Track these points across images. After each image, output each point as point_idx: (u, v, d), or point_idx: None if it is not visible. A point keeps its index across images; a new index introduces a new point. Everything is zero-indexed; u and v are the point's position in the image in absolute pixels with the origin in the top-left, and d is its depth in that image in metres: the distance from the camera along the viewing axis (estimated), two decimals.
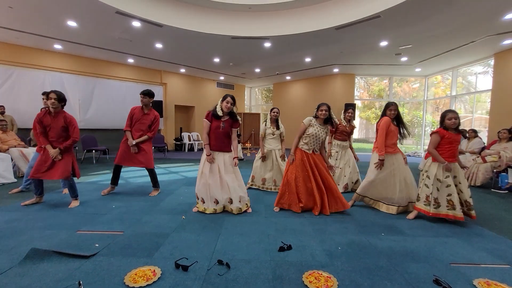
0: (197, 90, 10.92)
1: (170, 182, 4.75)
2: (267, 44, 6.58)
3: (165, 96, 9.92)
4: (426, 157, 3.02)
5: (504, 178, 4.52)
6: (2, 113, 5.59)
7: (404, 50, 6.88)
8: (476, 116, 8.70)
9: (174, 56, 7.95)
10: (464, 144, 5.63)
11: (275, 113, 4.09)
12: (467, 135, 5.68)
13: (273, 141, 4.10)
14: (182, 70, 9.76)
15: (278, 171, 4.08)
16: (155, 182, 3.91)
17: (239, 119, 3.16)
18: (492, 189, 4.59)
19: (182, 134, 10.41)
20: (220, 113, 2.98)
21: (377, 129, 3.27)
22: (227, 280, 1.74)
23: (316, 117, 3.14)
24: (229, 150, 3.12)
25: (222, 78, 11.11)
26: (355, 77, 10.00)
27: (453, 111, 2.83)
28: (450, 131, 2.83)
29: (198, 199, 3.12)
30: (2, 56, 6.52)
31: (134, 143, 3.60)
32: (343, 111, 4.22)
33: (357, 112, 10.15)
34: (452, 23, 5.14)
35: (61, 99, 3.12)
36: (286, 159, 4.12)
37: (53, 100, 3.04)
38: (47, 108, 3.17)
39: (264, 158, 4.06)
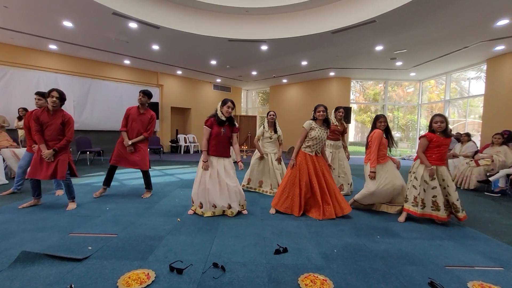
0: (193, 92, 10.90)
1: (165, 184, 4.71)
2: (264, 47, 6.62)
3: (161, 98, 9.87)
4: (415, 159, 3.08)
5: (497, 181, 4.59)
6: None
7: (399, 54, 6.98)
8: (469, 120, 8.83)
9: (171, 58, 7.93)
10: (457, 148, 5.70)
11: (272, 116, 4.08)
12: (461, 139, 5.75)
13: (270, 145, 4.10)
14: (179, 72, 9.74)
15: (274, 176, 4.07)
16: (148, 184, 3.87)
17: (236, 124, 3.16)
18: (485, 192, 4.65)
19: (178, 136, 10.36)
20: (223, 118, 2.97)
21: (368, 142, 3.31)
22: (222, 283, 1.72)
23: (314, 119, 3.16)
24: (228, 156, 3.12)
25: (218, 80, 11.11)
26: (351, 80, 10.09)
27: (440, 115, 2.90)
28: (438, 135, 2.89)
29: (193, 203, 3.10)
30: None
31: (130, 143, 3.56)
32: (333, 111, 4.19)
33: (352, 116, 10.22)
34: (446, 29, 5.24)
35: (63, 98, 3.08)
36: (282, 162, 4.13)
37: (54, 99, 2.99)
38: (45, 106, 3.11)
39: (262, 157, 4.05)
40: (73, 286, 1.62)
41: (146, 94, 3.67)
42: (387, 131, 3.30)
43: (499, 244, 2.48)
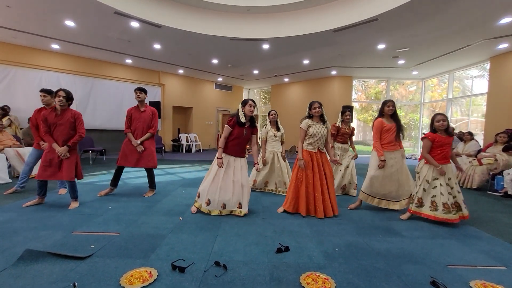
0: (195, 91, 10.91)
1: (167, 183, 4.73)
2: (266, 46, 6.60)
3: (163, 97, 9.89)
4: (419, 159, 3.10)
5: (500, 180, 4.55)
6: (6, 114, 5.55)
7: (401, 53, 6.94)
8: (472, 119, 8.78)
9: (172, 57, 7.94)
10: (460, 147, 5.67)
11: (273, 116, 4.14)
12: (464, 138, 5.72)
13: (276, 144, 4.15)
14: (180, 71, 9.74)
15: (280, 173, 4.09)
16: (152, 183, 3.89)
17: (257, 125, 3.17)
18: (488, 192, 4.62)
19: (180, 135, 10.38)
20: (243, 119, 2.96)
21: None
22: (224, 282, 1.73)
23: (310, 116, 3.16)
24: (244, 156, 3.14)
25: (220, 79, 11.11)
26: (353, 79, 10.05)
27: (442, 114, 2.92)
28: (440, 134, 2.91)
29: (198, 198, 3.07)
30: None
31: (138, 142, 3.58)
32: (340, 114, 4.16)
33: (354, 114, 10.19)
34: (449, 26, 5.20)
35: (69, 98, 3.11)
36: (286, 159, 4.16)
37: (61, 98, 3.03)
38: (53, 106, 3.14)
39: (265, 162, 4.06)
40: (76, 284, 1.63)
41: (143, 90, 3.68)
42: (394, 117, 3.27)
43: (502, 243, 2.47)
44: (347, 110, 4.12)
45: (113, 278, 1.73)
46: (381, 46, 6.45)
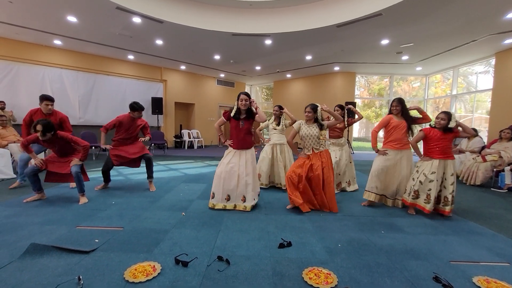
0: (197, 87, 10.89)
1: (169, 179, 4.75)
2: (268, 42, 6.56)
3: (165, 93, 9.89)
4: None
5: (503, 178, 4.52)
6: (2, 108, 5.57)
7: (405, 48, 6.87)
8: (476, 115, 8.70)
9: (175, 53, 7.92)
10: (464, 143, 5.63)
11: (275, 111, 4.24)
12: None
13: (276, 136, 4.20)
14: (182, 67, 9.72)
15: (277, 167, 4.10)
16: (150, 172, 3.95)
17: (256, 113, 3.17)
18: (491, 188, 4.60)
19: (182, 131, 10.39)
20: (233, 113, 3.07)
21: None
22: (227, 276, 1.74)
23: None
24: (250, 146, 3.20)
25: (222, 75, 11.08)
26: (356, 75, 9.98)
27: (444, 113, 2.98)
28: (437, 129, 3.01)
29: (212, 198, 3.15)
30: (1, 51, 6.48)
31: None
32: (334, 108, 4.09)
33: None
34: (454, 21, 5.13)
35: (49, 128, 3.01)
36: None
37: (48, 134, 3.00)
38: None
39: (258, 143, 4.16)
40: (81, 277, 1.65)
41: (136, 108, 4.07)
42: (405, 116, 3.28)
43: (505, 240, 2.46)
44: (337, 105, 4.03)
45: (117, 271, 1.75)
46: (384, 42, 6.38)
